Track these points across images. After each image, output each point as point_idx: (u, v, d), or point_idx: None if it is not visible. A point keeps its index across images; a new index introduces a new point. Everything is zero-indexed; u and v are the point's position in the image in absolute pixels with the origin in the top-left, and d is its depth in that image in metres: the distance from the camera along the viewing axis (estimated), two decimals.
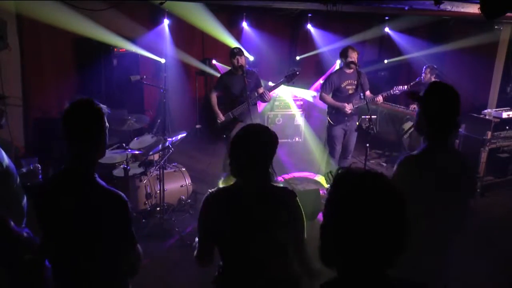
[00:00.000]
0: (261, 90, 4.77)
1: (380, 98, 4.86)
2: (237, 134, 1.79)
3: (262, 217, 1.70)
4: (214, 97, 4.92)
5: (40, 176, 2.56)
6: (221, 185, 1.83)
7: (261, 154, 1.74)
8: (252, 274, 1.76)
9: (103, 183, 1.72)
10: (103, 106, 1.75)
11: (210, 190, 1.80)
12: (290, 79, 4.62)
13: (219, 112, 4.83)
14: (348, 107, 4.91)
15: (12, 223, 2.03)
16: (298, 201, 1.78)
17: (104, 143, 1.78)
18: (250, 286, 1.79)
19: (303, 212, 1.78)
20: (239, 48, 4.73)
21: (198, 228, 1.81)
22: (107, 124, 1.76)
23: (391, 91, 5.04)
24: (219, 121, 4.82)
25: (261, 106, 6.63)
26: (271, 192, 1.76)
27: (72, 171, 1.73)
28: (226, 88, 4.82)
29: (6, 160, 2.26)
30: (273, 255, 1.74)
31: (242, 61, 4.62)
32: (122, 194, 1.70)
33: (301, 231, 1.78)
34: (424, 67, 6.02)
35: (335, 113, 5.06)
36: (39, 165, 2.60)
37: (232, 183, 1.79)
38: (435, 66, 5.98)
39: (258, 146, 1.74)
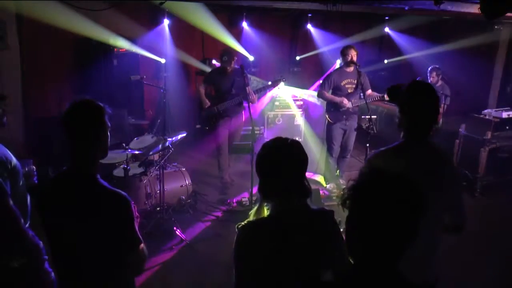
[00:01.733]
0: (248, 90, 4.82)
1: (386, 97, 4.85)
2: (261, 153, 1.60)
3: (304, 251, 1.55)
4: (202, 89, 5.22)
5: (35, 178, 2.53)
6: (252, 216, 1.65)
7: (295, 169, 1.57)
8: None
9: (105, 183, 1.71)
10: (104, 106, 1.75)
11: (242, 224, 1.61)
12: (275, 85, 5.03)
13: (206, 100, 5.13)
14: (346, 102, 4.92)
15: (22, 221, 2.03)
16: (335, 219, 1.66)
17: (106, 143, 1.78)
18: None
19: (340, 231, 1.65)
20: (227, 56, 4.94)
21: (235, 266, 1.59)
22: (108, 123, 1.76)
23: None
24: (204, 107, 5.09)
25: (261, 106, 6.65)
26: (311, 219, 1.60)
27: (74, 171, 1.73)
28: (214, 84, 5.14)
29: (14, 159, 2.27)
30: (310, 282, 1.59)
31: (230, 66, 4.94)
32: (125, 194, 1.70)
33: (343, 253, 1.55)
34: (429, 69, 5.95)
35: (334, 111, 5.07)
36: (33, 167, 2.57)
37: (265, 211, 1.62)
38: (437, 66, 5.95)
39: (290, 160, 1.56)
